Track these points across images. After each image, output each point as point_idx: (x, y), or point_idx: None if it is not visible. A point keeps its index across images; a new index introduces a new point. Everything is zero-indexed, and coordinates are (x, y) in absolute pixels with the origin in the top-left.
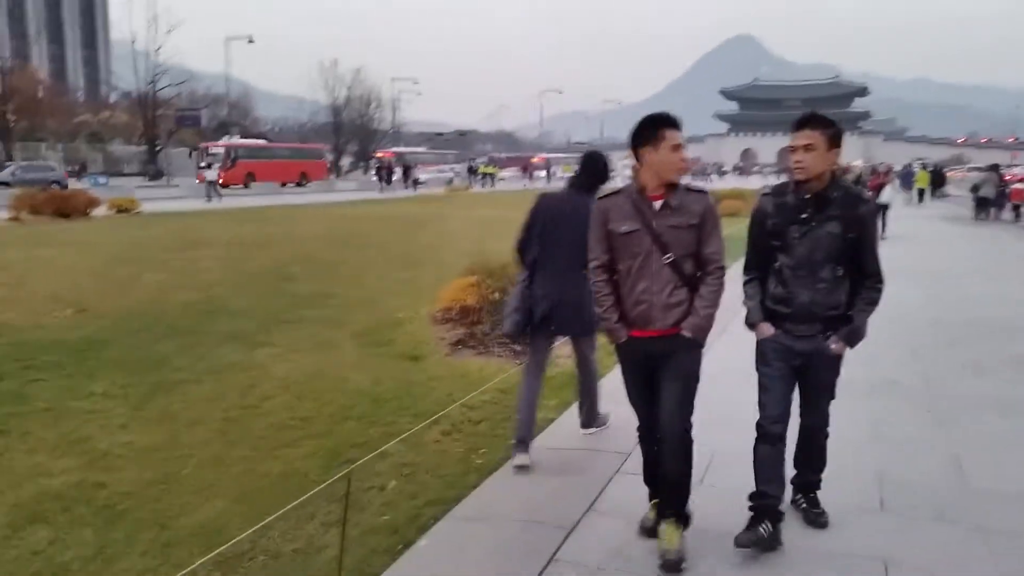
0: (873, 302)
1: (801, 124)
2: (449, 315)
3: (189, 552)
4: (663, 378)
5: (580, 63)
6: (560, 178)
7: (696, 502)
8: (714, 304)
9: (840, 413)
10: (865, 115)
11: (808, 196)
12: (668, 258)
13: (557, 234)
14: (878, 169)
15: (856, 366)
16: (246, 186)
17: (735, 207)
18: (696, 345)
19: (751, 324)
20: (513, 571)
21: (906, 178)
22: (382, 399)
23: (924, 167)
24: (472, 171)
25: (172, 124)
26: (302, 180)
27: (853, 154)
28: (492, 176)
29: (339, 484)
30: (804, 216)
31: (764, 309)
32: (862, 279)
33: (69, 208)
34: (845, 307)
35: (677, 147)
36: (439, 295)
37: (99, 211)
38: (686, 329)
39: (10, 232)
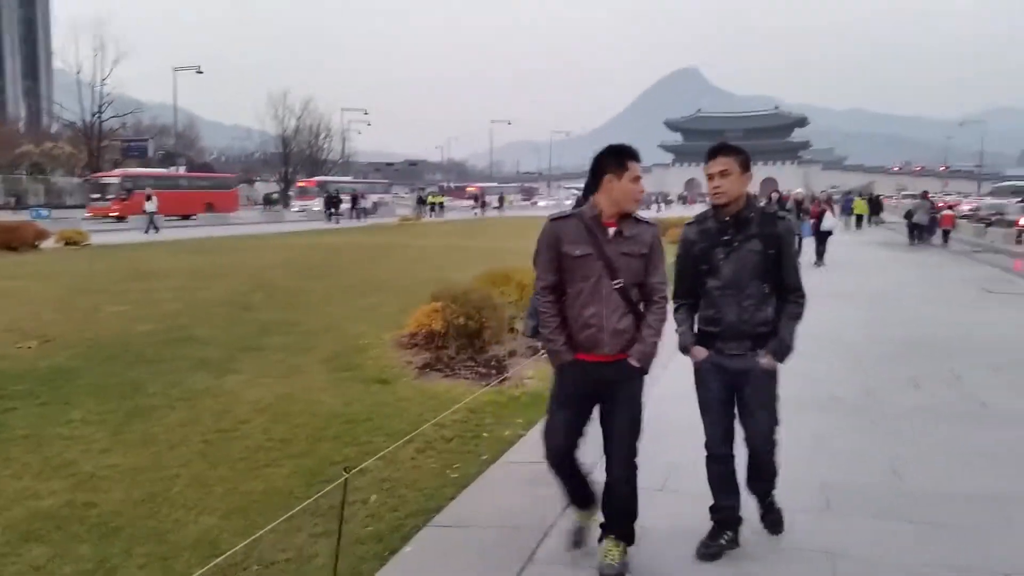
0: (797, 316)
1: (715, 153)
2: (414, 340)
3: (187, 563)
4: (613, 407)
5: (530, 95)
6: (495, 207)
7: (657, 509)
8: (659, 332)
9: (786, 427)
10: (805, 144)
11: (728, 218)
12: (618, 284)
13: None
14: (818, 197)
15: (800, 382)
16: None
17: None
18: (642, 373)
19: (684, 348)
20: (494, 571)
21: (845, 205)
22: (355, 420)
23: (861, 195)
24: (421, 201)
25: (117, 155)
26: (208, 210)
27: (794, 183)
28: (441, 205)
29: (323, 500)
30: (726, 238)
31: (695, 333)
32: (786, 294)
33: (17, 240)
34: (773, 323)
35: (637, 179)
36: (405, 321)
37: (47, 243)
38: (633, 357)
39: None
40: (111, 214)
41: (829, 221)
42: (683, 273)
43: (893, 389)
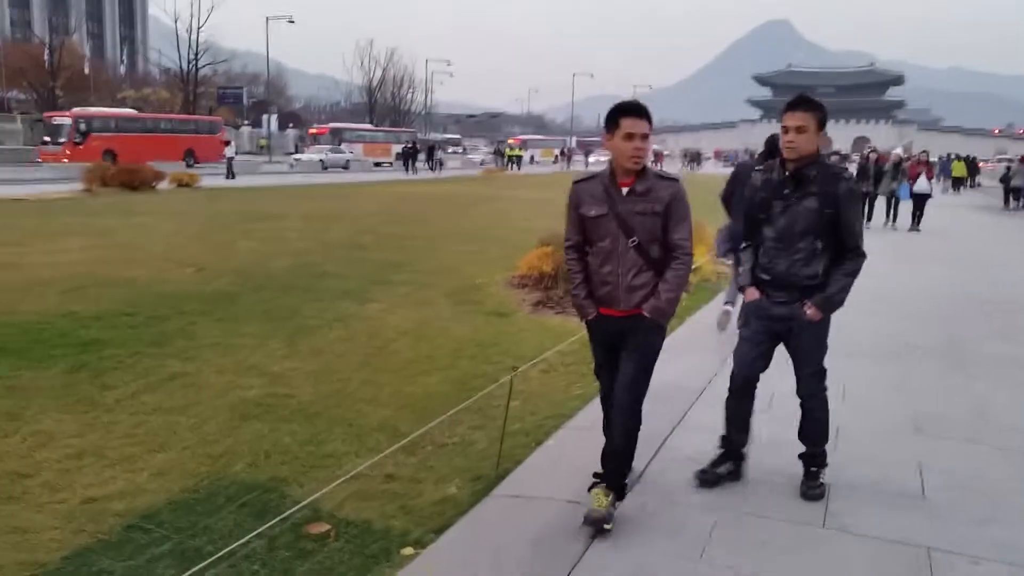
0: (851, 273)
1: (794, 106)
2: (524, 281)
3: (376, 440)
4: (623, 354)
5: (614, 47)
6: (538, 162)
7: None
8: (677, 288)
9: (872, 370)
10: (900, 104)
11: (789, 173)
12: (633, 242)
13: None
14: (918, 157)
15: (887, 333)
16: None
17: None
18: (656, 326)
19: (741, 288)
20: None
21: (944, 168)
22: (484, 344)
23: (959, 157)
24: (499, 153)
25: (212, 101)
26: (188, 159)
27: (888, 142)
28: (519, 159)
29: (476, 403)
30: (786, 192)
31: (753, 275)
32: (844, 252)
33: (137, 181)
34: (823, 277)
35: (630, 136)
36: (512, 264)
37: (163, 185)
38: (646, 310)
39: (92, 202)
40: (63, 160)
41: (923, 183)
42: (749, 216)
43: (982, 339)
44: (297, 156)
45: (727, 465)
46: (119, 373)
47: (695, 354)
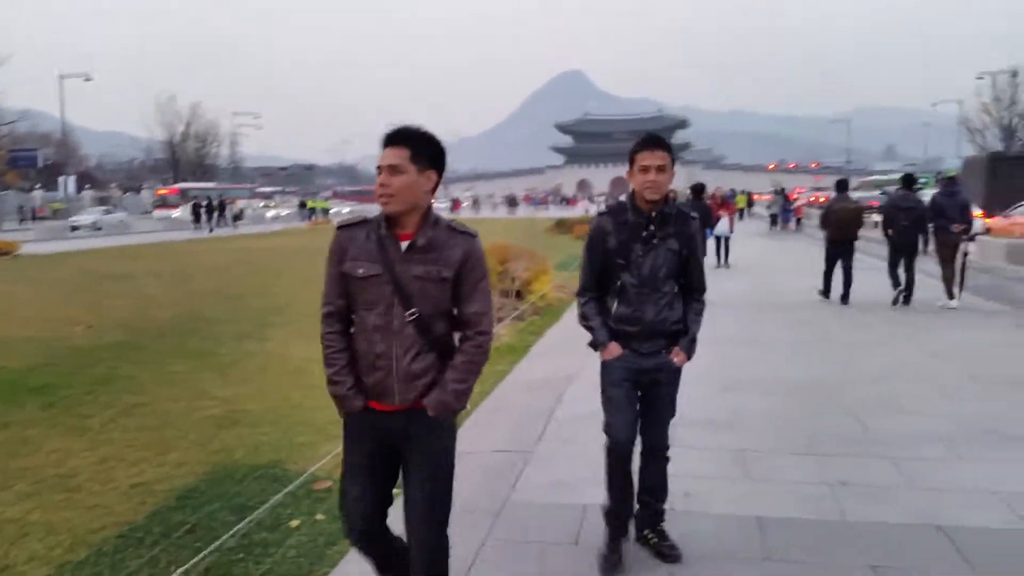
0: (701, 313)
1: (652, 145)
2: None
3: (335, 430)
4: (409, 470)
5: (421, 98)
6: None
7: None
8: (468, 378)
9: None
10: (686, 146)
11: (653, 214)
12: (412, 314)
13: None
14: (714, 194)
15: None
16: None
17: (586, 231)
18: (445, 427)
19: (596, 345)
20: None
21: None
22: None
23: (742, 192)
24: (303, 206)
25: (2, 165)
26: None
27: (680, 182)
28: (325, 211)
29: None
30: (645, 234)
31: (609, 329)
32: (691, 292)
33: None
34: (681, 321)
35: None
36: None
37: None
38: (429, 407)
39: None
40: None
41: (723, 226)
42: (593, 265)
43: (761, 325)
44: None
45: (647, 533)
46: (87, 407)
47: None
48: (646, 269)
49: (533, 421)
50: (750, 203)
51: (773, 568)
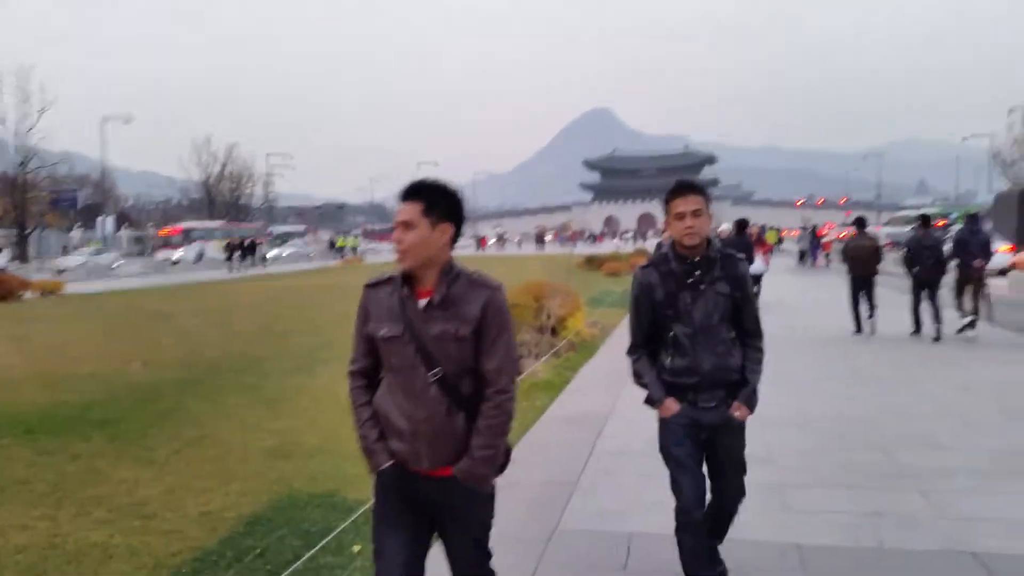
0: (760, 361)
1: (685, 190)
2: None
3: None
4: (445, 540)
5: (451, 136)
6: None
7: None
8: (495, 441)
9: None
10: (714, 182)
11: (697, 259)
12: (436, 374)
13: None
14: (754, 232)
15: None
16: None
17: (616, 268)
18: (480, 497)
19: (653, 402)
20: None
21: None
22: None
23: (772, 228)
24: (332, 245)
25: (43, 206)
26: None
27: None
28: (354, 249)
29: None
30: (691, 280)
31: (663, 384)
32: (747, 339)
33: (3, 290)
34: (741, 370)
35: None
36: None
37: (27, 295)
38: (459, 476)
39: None
40: None
41: (758, 264)
42: (642, 320)
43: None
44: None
45: None
46: (151, 439)
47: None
48: (698, 317)
49: (576, 454)
50: (779, 240)
51: None
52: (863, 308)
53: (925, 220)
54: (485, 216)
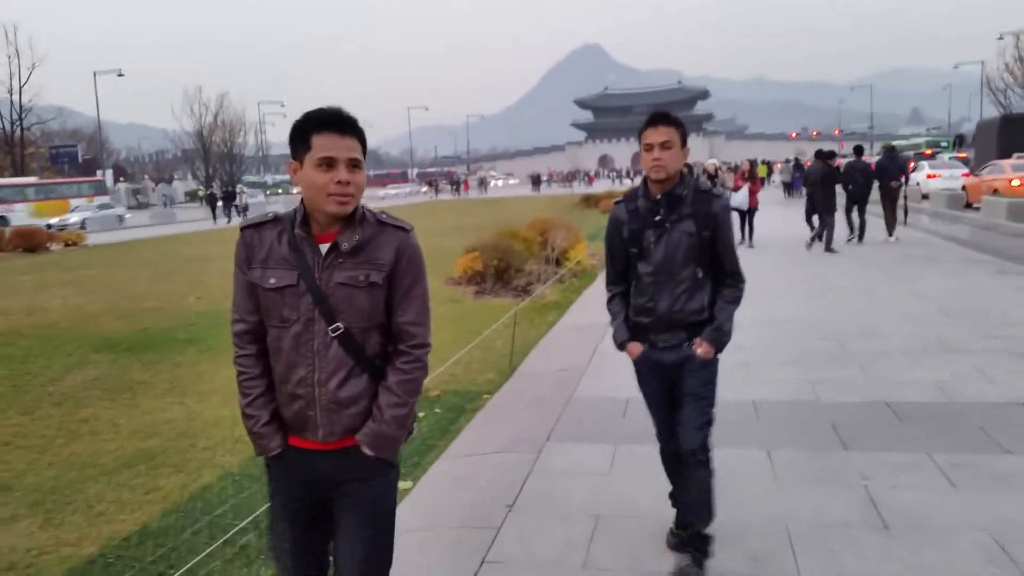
0: (735, 300)
1: (655, 121)
2: (458, 280)
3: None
4: (340, 525)
5: (438, 79)
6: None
7: None
8: (408, 400)
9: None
10: (708, 117)
11: (659, 197)
12: (336, 330)
13: None
14: (741, 167)
15: None
16: None
17: (610, 206)
18: (382, 466)
19: (619, 344)
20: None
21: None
22: (461, 317)
23: (762, 162)
24: None
25: (43, 161)
26: None
27: (700, 153)
28: None
29: (480, 339)
30: (658, 218)
31: (630, 325)
32: (722, 279)
33: (34, 244)
34: (709, 310)
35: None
36: (454, 266)
37: (54, 246)
38: (364, 443)
39: (11, 263)
40: None
41: (740, 197)
42: (614, 257)
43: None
44: None
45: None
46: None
47: None
48: (659, 256)
49: (583, 351)
50: (769, 172)
51: (763, 429)
52: (854, 218)
53: (858, 150)
54: (477, 159)
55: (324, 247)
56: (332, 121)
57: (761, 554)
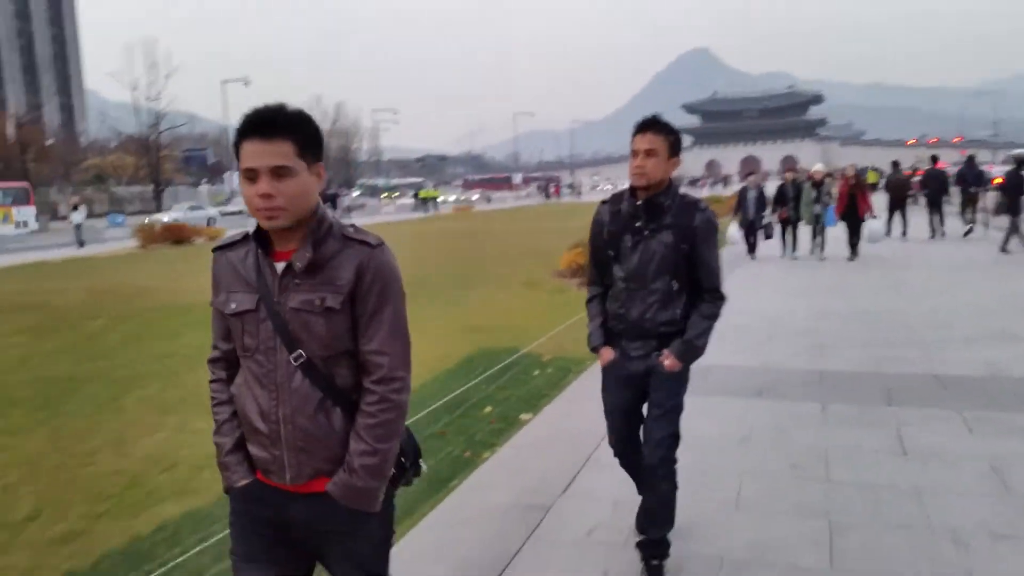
0: (711, 316)
1: (643, 128)
2: (563, 273)
3: (539, 331)
4: (331, 572)
5: (544, 85)
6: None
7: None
8: (379, 445)
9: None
10: (821, 122)
11: (640, 203)
12: (298, 358)
13: None
14: (845, 173)
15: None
16: None
17: (715, 210)
18: (366, 517)
19: (593, 348)
20: None
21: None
22: (566, 303)
23: (873, 169)
24: (415, 196)
25: (178, 164)
26: None
27: (812, 159)
28: (434, 200)
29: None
30: (637, 224)
31: (604, 330)
32: (701, 293)
33: (182, 238)
34: (682, 323)
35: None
36: (551, 264)
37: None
38: (334, 494)
39: (167, 254)
40: None
41: (874, 225)
42: (595, 258)
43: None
44: None
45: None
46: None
47: None
48: (634, 262)
49: None
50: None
51: (823, 390)
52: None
53: (934, 159)
54: (582, 163)
55: (280, 265)
56: (253, 126)
57: (800, 464)
